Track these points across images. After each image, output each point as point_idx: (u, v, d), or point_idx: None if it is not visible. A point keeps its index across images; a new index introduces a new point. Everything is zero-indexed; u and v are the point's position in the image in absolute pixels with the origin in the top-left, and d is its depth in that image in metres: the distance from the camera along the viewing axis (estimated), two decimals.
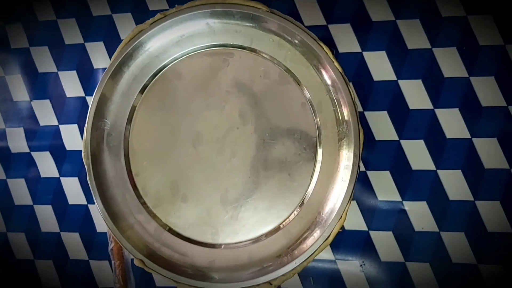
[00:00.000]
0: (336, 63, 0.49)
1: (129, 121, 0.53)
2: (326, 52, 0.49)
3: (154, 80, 0.53)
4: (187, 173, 0.52)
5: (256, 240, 0.51)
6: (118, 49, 0.52)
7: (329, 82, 0.50)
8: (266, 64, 0.52)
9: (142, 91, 0.53)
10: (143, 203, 0.52)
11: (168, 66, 0.53)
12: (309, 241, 0.49)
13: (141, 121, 0.53)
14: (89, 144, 0.51)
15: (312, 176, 0.50)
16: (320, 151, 0.50)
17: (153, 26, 0.51)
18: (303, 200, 0.50)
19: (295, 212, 0.50)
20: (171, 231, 0.52)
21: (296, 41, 0.50)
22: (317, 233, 0.49)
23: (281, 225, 0.50)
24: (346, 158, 0.49)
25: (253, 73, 0.52)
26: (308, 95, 0.51)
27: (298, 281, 0.62)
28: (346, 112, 0.49)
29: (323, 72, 0.50)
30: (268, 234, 0.50)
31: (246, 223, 0.51)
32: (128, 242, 0.50)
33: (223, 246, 0.51)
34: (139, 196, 0.53)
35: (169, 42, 0.52)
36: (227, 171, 0.51)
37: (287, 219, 0.50)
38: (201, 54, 0.53)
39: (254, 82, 0.52)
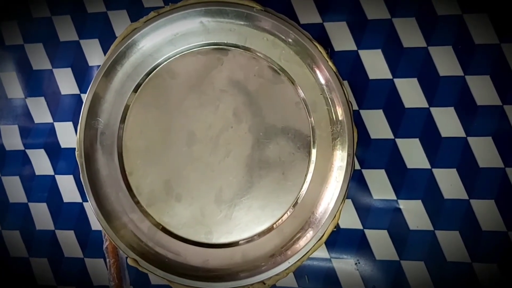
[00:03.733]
0: (330, 63, 0.48)
1: (123, 120, 0.53)
2: (320, 51, 0.49)
3: (147, 78, 0.53)
4: (181, 172, 0.52)
5: (250, 239, 0.51)
6: (112, 47, 0.52)
7: (323, 81, 0.50)
8: (260, 63, 0.51)
9: (135, 89, 0.53)
10: (137, 202, 0.52)
11: (162, 65, 0.53)
12: (303, 241, 0.49)
13: (134, 120, 0.53)
14: (82, 143, 0.51)
15: (306, 176, 0.50)
16: (314, 151, 0.50)
17: (147, 24, 0.51)
18: (297, 200, 0.50)
19: (289, 212, 0.50)
20: (164, 230, 0.52)
21: (290, 40, 0.50)
22: (310, 233, 0.49)
23: (274, 225, 0.50)
24: (340, 158, 0.49)
25: (247, 72, 0.51)
26: (302, 95, 0.51)
27: (293, 279, 0.62)
28: (340, 111, 0.49)
29: (317, 71, 0.50)
30: (261, 234, 0.50)
31: (239, 223, 0.50)
32: (122, 241, 0.50)
33: (216, 245, 0.51)
34: (132, 195, 0.52)
35: (162, 40, 0.52)
36: (221, 170, 0.51)
37: (281, 219, 0.50)
38: (195, 52, 0.52)
39: (248, 81, 0.52)
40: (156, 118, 0.52)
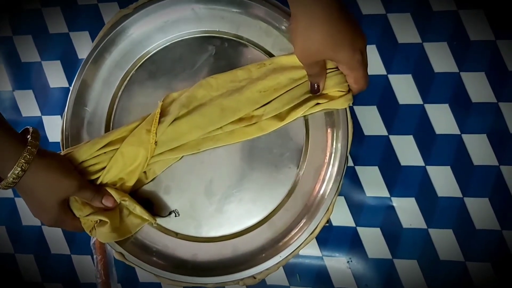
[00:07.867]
0: None
1: (111, 109, 0.51)
2: None
3: (136, 67, 0.51)
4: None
5: (241, 233, 0.49)
6: (100, 33, 0.51)
7: None
8: (253, 52, 0.50)
9: (124, 78, 0.51)
10: None
11: (152, 53, 0.51)
12: (295, 234, 0.48)
13: (122, 109, 0.52)
14: (68, 132, 0.50)
15: (298, 168, 0.49)
16: (307, 142, 0.49)
17: (137, 10, 0.50)
18: (289, 192, 0.49)
19: (281, 205, 0.49)
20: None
21: (284, 28, 0.49)
22: (303, 226, 0.48)
23: (266, 218, 0.49)
24: (334, 149, 0.48)
25: (239, 60, 0.50)
26: None
27: (284, 277, 0.61)
28: None
29: None
30: (253, 227, 0.49)
31: (230, 216, 0.49)
32: None
33: (206, 239, 0.50)
34: None
35: (153, 28, 0.51)
36: (212, 162, 0.50)
37: (273, 212, 0.49)
38: (185, 40, 0.51)
39: None
40: (144, 107, 0.50)
